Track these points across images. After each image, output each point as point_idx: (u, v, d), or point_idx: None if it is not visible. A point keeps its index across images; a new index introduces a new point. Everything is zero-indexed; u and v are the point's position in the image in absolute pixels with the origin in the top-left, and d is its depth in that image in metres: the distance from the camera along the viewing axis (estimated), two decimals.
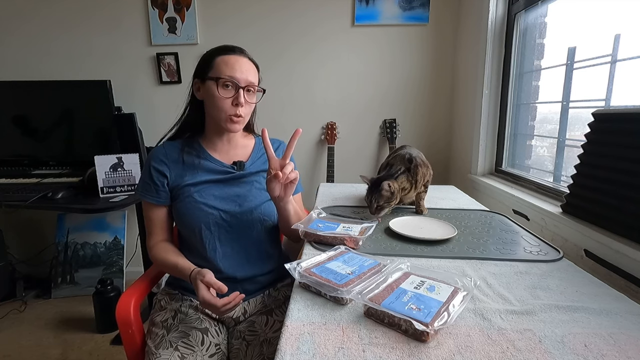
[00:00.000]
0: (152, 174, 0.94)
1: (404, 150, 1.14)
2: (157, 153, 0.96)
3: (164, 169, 0.94)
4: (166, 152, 0.96)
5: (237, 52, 0.93)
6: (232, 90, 0.89)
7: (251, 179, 0.98)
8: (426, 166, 1.11)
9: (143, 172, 0.97)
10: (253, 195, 0.96)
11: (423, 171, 1.09)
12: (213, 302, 0.78)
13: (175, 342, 0.82)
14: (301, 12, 2.08)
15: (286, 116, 2.18)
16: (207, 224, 0.91)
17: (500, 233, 0.98)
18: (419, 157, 1.10)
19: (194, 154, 0.97)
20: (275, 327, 0.89)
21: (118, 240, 2.22)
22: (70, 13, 2.10)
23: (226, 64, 0.89)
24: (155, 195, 0.94)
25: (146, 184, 0.94)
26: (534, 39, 1.55)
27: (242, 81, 0.90)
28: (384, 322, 0.57)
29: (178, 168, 0.95)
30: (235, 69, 0.89)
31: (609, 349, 0.52)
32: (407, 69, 2.13)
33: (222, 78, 0.88)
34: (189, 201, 0.91)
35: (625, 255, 0.85)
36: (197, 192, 0.92)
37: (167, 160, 0.95)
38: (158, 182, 0.93)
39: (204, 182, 0.94)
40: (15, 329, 1.87)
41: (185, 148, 0.97)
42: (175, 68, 2.14)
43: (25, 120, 1.97)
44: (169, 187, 0.94)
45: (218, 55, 0.91)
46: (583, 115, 1.23)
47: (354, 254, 0.79)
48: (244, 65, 0.91)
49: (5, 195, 1.54)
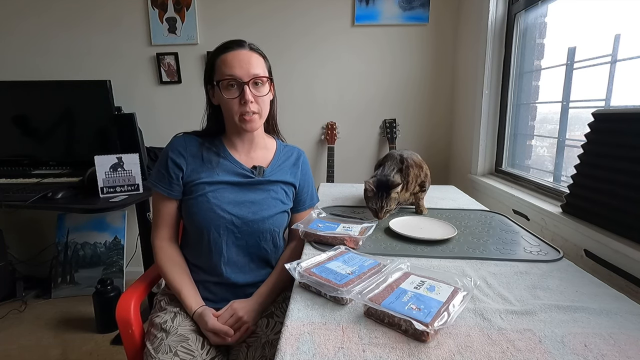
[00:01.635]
0: (168, 165, 0.91)
1: (395, 151, 1.14)
2: (176, 144, 0.93)
3: (180, 162, 0.91)
4: (185, 144, 0.93)
5: (234, 48, 0.89)
6: (236, 89, 0.87)
7: (268, 187, 0.96)
8: (419, 167, 1.10)
9: (159, 161, 0.94)
10: (268, 205, 0.94)
11: (415, 172, 1.08)
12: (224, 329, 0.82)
13: (175, 346, 0.81)
14: (301, 12, 2.08)
15: (286, 116, 2.17)
16: (217, 228, 0.89)
17: (500, 233, 0.98)
18: (410, 158, 1.10)
19: (213, 151, 0.95)
20: (277, 329, 0.88)
21: (118, 240, 2.22)
22: (70, 13, 2.10)
23: (224, 63, 0.87)
24: (168, 187, 0.91)
25: (161, 173, 0.92)
26: (534, 39, 1.55)
27: (244, 76, 0.86)
28: (384, 322, 0.57)
29: (196, 163, 0.92)
30: (234, 65, 0.86)
31: (609, 349, 0.52)
32: (407, 69, 2.13)
33: (223, 80, 0.86)
34: (201, 200, 0.89)
35: (625, 255, 0.85)
36: (212, 192, 0.90)
37: (186, 153, 0.92)
38: (173, 174, 0.91)
39: (220, 183, 0.91)
40: (15, 329, 1.87)
41: (205, 143, 0.95)
42: (175, 68, 2.14)
43: (25, 120, 1.97)
44: (183, 181, 0.92)
45: (217, 56, 0.89)
46: (583, 115, 1.23)
47: (354, 254, 0.79)
48: (244, 58, 0.87)
49: (5, 195, 1.53)
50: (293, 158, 1.04)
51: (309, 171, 1.08)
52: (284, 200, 0.98)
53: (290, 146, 1.07)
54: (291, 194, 1.02)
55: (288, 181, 1.00)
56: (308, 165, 1.07)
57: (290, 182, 1.00)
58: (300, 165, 1.04)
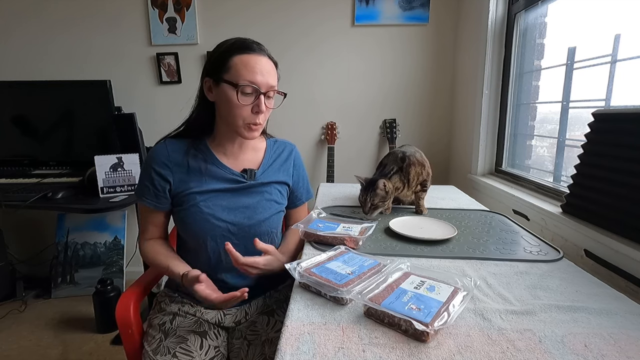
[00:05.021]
0: (152, 177, 0.87)
1: (399, 149, 1.13)
2: (158, 154, 0.88)
3: (166, 173, 0.87)
4: (169, 153, 0.88)
5: (256, 51, 0.83)
6: (252, 96, 0.81)
7: (261, 189, 0.93)
8: (421, 165, 1.09)
9: (142, 174, 0.90)
10: (262, 207, 0.92)
11: (417, 170, 1.07)
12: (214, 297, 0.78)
13: (174, 347, 0.80)
14: (301, 12, 2.08)
15: (286, 116, 2.17)
16: (213, 237, 0.87)
17: (500, 233, 0.98)
18: (413, 156, 1.09)
19: (200, 158, 0.89)
20: (277, 327, 0.88)
21: (118, 240, 2.22)
22: (70, 13, 2.10)
23: (245, 66, 0.80)
24: (155, 200, 0.88)
25: (145, 186, 0.88)
26: (534, 39, 1.55)
27: (264, 86, 0.81)
28: (384, 322, 0.57)
29: (182, 172, 0.88)
30: (255, 71, 0.80)
31: (609, 349, 0.52)
32: (407, 69, 2.13)
33: (242, 85, 0.79)
34: (194, 211, 0.86)
35: (625, 255, 0.85)
36: (204, 202, 0.87)
37: (170, 163, 0.87)
38: (159, 187, 0.87)
39: (211, 191, 0.88)
40: (15, 329, 1.87)
41: (190, 150, 0.89)
42: (175, 68, 2.14)
43: (25, 120, 1.97)
44: (171, 193, 0.88)
45: (235, 54, 0.81)
46: (583, 115, 1.23)
47: (354, 254, 0.79)
48: (265, 66, 0.82)
49: (5, 195, 1.53)
50: (285, 154, 1.01)
51: (302, 165, 1.05)
52: (278, 200, 0.96)
53: (280, 141, 1.03)
54: (285, 193, 1.00)
55: (281, 180, 0.97)
56: (301, 160, 1.05)
57: (284, 181, 0.98)
58: (292, 160, 1.01)
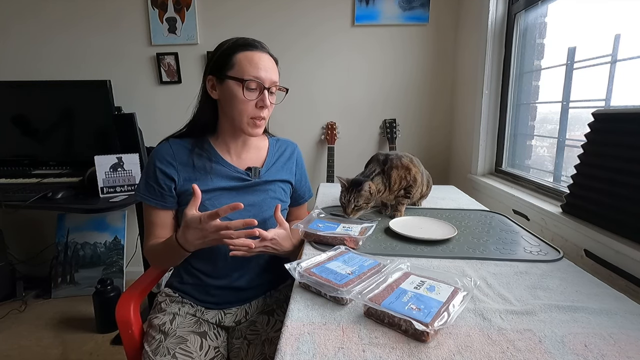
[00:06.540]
0: (157, 176, 0.87)
1: (382, 152, 1.12)
2: (162, 152, 0.88)
3: (171, 172, 0.87)
4: (173, 152, 0.88)
5: (259, 48, 0.85)
6: (256, 91, 0.84)
7: (266, 187, 0.94)
8: (405, 169, 1.06)
9: (145, 172, 0.89)
10: (267, 205, 0.92)
11: (400, 174, 1.05)
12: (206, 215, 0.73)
13: (173, 348, 0.80)
14: (302, 11, 2.08)
15: (286, 116, 2.17)
16: None
17: (500, 233, 0.98)
18: (397, 160, 1.07)
19: (205, 156, 0.90)
20: (277, 327, 0.88)
21: (118, 240, 2.22)
22: (70, 13, 2.10)
23: (250, 62, 0.82)
24: (160, 199, 0.87)
25: (150, 186, 0.87)
26: (534, 39, 1.55)
27: (267, 81, 0.84)
28: (384, 322, 0.57)
29: (187, 171, 0.88)
30: (259, 67, 0.83)
31: (609, 349, 0.51)
32: (407, 69, 2.13)
33: (247, 80, 0.81)
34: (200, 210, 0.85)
35: (626, 255, 0.85)
36: (209, 200, 0.87)
37: (175, 161, 0.88)
38: (164, 186, 0.87)
39: (216, 190, 0.88)
40: (15, 329, 1.87)
41: (195, 149, 0.90)
42: (175, 68, 2.14)
43: (25, 120, 1.97)
44: (177, 191, 0.88)
45: (239, 51, 0.83)
46: (583, 115, 1.23)
47: (354, 254, 0.79)
48: (267, 63, 0.85)
49: (5, 195, 1.53)
50: (287, 153, 1.03)
51: (304, 164, 1.08)
52: (282, 198, 0.98)
53: (282, 140, 1.05)
54: (289, 191, 1.02)
55: (285, 179, 0.99)
56: (302, 159, 1.07)
57: (287, 180, 1.00)
58: (295, 159, 1.04)
